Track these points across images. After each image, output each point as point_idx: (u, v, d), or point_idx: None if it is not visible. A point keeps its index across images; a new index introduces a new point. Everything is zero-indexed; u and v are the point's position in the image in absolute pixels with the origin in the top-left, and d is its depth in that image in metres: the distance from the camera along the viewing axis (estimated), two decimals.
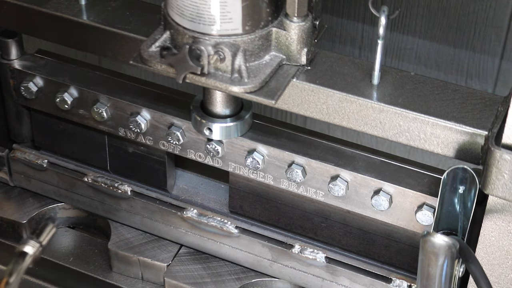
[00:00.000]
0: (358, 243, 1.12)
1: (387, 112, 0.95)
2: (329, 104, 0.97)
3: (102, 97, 1.14)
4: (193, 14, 0.92)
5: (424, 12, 1.26)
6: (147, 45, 0.96)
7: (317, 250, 1.13)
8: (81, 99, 1.15)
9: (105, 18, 1.07)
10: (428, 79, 0.98)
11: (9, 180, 1.29)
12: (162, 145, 1.13)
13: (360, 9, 1.30)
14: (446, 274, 0.90)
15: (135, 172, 1.21)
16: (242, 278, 1.18)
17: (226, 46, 0.92)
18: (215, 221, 1.17)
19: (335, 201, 1.07)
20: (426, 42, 1.29)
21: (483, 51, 1.26)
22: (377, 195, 1.03)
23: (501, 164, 0.88)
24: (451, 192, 0.95)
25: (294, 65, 0.97)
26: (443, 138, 0.94)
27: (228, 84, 0.93)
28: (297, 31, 0.94)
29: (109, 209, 1.24)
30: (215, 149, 1.08)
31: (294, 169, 1.05)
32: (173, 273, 1.18)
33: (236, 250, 1.17)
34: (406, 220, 1.04)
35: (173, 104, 1.12)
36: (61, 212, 1.28)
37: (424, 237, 0.88)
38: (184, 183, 1.23)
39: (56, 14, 1.08)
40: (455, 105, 0.95)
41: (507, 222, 0.94)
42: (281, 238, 1.15)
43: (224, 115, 1.06)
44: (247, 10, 0.92)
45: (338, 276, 1.13)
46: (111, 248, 1.20)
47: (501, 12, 1.22)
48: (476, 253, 0.97)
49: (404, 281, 1.10)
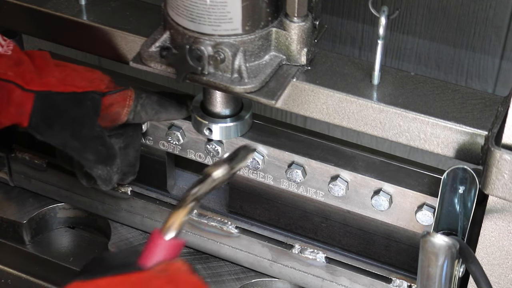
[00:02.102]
0: (358, 243, 1.12)
1: (387, 112, 0.95)
2: (329, 104, 0.97)
3: None
4: (193, 14, 0.92)
5: (424, 12, 1.26)
6: (147, 45, 0.96)
7: (317, 250, 1.13)
8: None
9: (105, 18, 1.07)
10: (428, 79, 0.98)
11: (9, 180, 1.29)
12: (162, 145, 1.13)
13: (360, 9, 1.30)
14: (446, 274, 0.90)
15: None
16: (242, 278, 1.17)
17: (226, 46, 0.92)
18: (215, 221, 1.17)
19: (335, 201, 1.07)
20: (426, 42, 1.29)
21: (483, 51, 1.26)
22: (377, 195, 1.03)
23: (501, 164, 0.88)
24: (451, 192, 0.95)
25: (294, 65, 0.97)
26: (443, 138, 0.94)
27: (228, 84, 0.93)
28: (297, 31, 0.94)
29: (109, 209, 1.23)
30: (215, 149, 1.08)
31: (294, 169, 1.05)
32: None
33: (236, 250, 1.17)
34: (406, 220, 1.04)
35: None
36: (61, 212, 1.28)
37: (424, 237, 0.88)
38: (184, 183, 1.23)
39: (56, 14, 1.08)
40: (455, 105, 0.95)
41: (507, 222, 0.94)
42: (281, 238, 1.15)
43: (224, 115, 1.06)
44: (247, 10, 0.92)
45: (338, 276, 1.13)
46: (111, 248, 1.20)
47: (501, 12, 1.22)
48: (476, 253, 0.97)
49: (404, 281, 1.10)
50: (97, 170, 1.03)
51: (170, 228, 0.85)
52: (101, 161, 1.03)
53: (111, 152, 1.04)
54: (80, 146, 1.02)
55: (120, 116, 1.05)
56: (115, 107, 1.04)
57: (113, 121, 1.05)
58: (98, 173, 1.04)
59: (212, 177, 0.88)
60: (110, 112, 1.04)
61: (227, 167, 0.88)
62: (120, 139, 1.08)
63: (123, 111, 1.05)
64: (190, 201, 0.87)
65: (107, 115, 1.04)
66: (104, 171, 1.03)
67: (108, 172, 1.04)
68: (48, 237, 1.27)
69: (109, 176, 1.04)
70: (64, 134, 1.02)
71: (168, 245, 0.85)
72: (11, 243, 1.25)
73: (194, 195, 0.87)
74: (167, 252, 0.85)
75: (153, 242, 0.85)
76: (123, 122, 1.06)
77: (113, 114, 1.04)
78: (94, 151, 1.02)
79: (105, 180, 1.04)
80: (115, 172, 1.05)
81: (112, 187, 1.07)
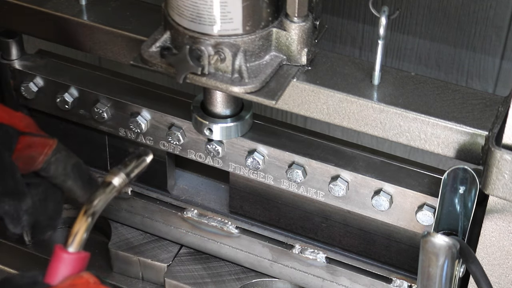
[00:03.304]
0: (358, 243, 1.12)
1: (387, 112, 0.95)
2: (330, 105, 0.97)
3: (103, 97, 1.13)
4: (194, 14, 0.92)
5: (424, 12, 1.26)
6: (147, 45, 0.96)
7: (317, 250, 1.13)
8: (82, 99, 1.15)
9: (105, 18, 1.07)
10: (428, 79, 0.98)
11: None
12: (163, 145, 1.13)
13: (361, 9, 1.30)
14: (447, 274, 0.90)
15: None
16: (243, 278, 1.17)
17: (227, 46, 0.92)
18: (215, 221, 1.17)
19: (335, 201, 1.07)
20: (426, 42, 1.29)
21: (484, 51, 1.26)
22: (378, 195, 1.03)
23: (501, 164, 0.88)
24: (452, 192, 0.95)
25: (294, 65, 0.97)
26: (444, 138, 0.94)
27: (229, 84, 0.93)
28: (297, 31, 0.94)
29: (109, 209, 1.23)
30: (216, 149, 1.08)
31: (294, 169, 1.05)
32: (174, 273, 1.18)
33: (236, 250, 1.17)
34: (407, 220, 1.04)
35: (173, 104, 1.12)
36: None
37: (424, 237, 0.88)
38: (184, 183, 1.23)
39: (56, 14, 1.08)
40: (456, 105, 0.95)
41: (508, 222, 0.94)
42: (282, 238, 1.15)
43: (224, 115, 1.06)
44: (247, 10, 0.92)
45: (339, 276, 1.13)
46: (112, 248, 1.20)
47: (501, 12, 1.22)
48: (477, 253, 0.97)
49: (405, 281, 1.10)
50: (4, 204, 0.95)
51: (72, 241, 0.83)
52: (8, 193, 0.94)
53: (20, 188, 0.96)
54: None
55: (35, 162, 0.98)
56: (32, 150, 0.98)
57: (26, 165, 0.98)
58: (5, 208, 0.95)
59: (113, 185, 0.88)
60: (25, 154, 0.97)
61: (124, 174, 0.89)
62: (38, 189, 1.00)
63: (39, 158, 0.98)
64: (91, 211, 0.85)
65: (22, 157, 0.98)
66: (11, 207, 0.95)
67: (15, 210, 0.95)
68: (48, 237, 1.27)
69: (17, 214, 0.95)
70: None
71: (72, 258, 0.83)
72: (11, 243, 1.25)
73: (95, 205, 0.86)
74: (73, 266, 0.82)
75: (56, 258, 0.82)
76: (36, 169, 0.99)
77: (28, 157, 0.98)
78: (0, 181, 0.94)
79: (12, 218, 0.95)
80: (24, 212, 0.96)
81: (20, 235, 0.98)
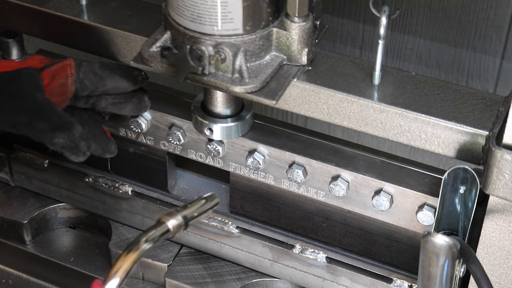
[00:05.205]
0: (359, 243, 1.12)
1: (388, 112, 0.95)
2: (330, 104, 0.97)
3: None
4: (194, 14, 0.92)
5: (425, 12, 1.26)
6: (147, 45, 0.96)
7: (318, 250, 1.13)
8: None
9: (105, 18, 1.07)
10: (429, 79, 0.98)
11: (10, 180, 1.29)
12: (163, 145, 1.13)
13: (361, 9, 1.30)
14: (447, 274, 0.90)
15: (135, 172, 1.21)
16: (243, 278, 1.18)
17: (227, 46, 0.92)
18: (215, 221, 1.17)
19: (336, 201, 1.07)
20: (427, 42, 1.29)
21: (484, 51, 1.27)
22: (378, 195, 1.03)
23: (502, 164, 0.88)
24: (452, 192, 0.95)
25: (294, 65, 0.97)
26: (444, 138, 0.94)
27: (229, 84, 0.93)
28: (297, 31, 0.94)
29: (110, 209, 1.24)
30: (216, 149, 1.08)
31: (294, 169, 1.05)
32: (174, 273, 1.18)
33: (237, 250, 1.17)
34: (407, 220, 1.04)
35: (173, 104, 1.12)
36: (62, 212, 1.28)
37: (425, 237, 0.88)
38: (184, 183, 1.23)
39: (56, 14, 1.08)
40: (456, 105, 0.95)
41: (508, 222, 0.94)
42: (282, 238, 1.15)
43: (225, 115, 1.06)
44: (248, 10, 0.92)
45: (339, 276, 1.13)
46: (112, 248, 1.20)
47: (502, 12, 1.22)
48: (477, 253, 0.97)
49: (405, 281, 1.10)
50: (58, 139, 0.95)
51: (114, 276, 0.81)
52: (55, 127, 0.95)
53: (65, 119, 0.96)
54: (28, 118, 0.95)
55: (68, 87, 0.99)
56: (58, 78, 0.99)
57: (62, 94, 0.99)
58: (60, 142, 0.95)
59: (166, 226, 0.86)
60: (55, 85, 0.98)
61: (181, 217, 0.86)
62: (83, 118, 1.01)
63: (68, 81, 0.99)
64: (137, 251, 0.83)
65: (54, 89, 0.99)
66: (65, 139, 0.95)
67: (70, 139, 0.95)
68: (48, 237, 1.27)
69: (73, 143, 0.95)
70: (6, 112, 0.96)
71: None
72: (12, 243, 1.25)
73: (141, 244, 0.84)
74: None
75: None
76: (73, 93, 1.00)
77: (59, 87, 0.99)
78: (44, 119, 0.95)
79: (70, 148, 0.96)
80: (79, 139, 0.96)
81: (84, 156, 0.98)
